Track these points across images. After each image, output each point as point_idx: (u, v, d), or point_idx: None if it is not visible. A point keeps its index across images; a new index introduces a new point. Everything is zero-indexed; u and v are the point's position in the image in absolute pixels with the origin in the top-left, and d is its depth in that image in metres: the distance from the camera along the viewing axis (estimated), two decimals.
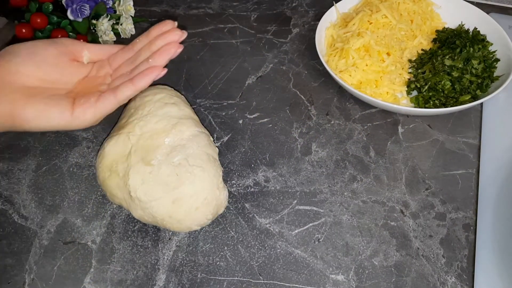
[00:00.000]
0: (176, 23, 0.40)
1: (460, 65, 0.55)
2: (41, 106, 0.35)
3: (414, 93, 0.58)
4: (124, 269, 0.44)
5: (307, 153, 0.54)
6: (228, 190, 0.49)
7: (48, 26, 0.61)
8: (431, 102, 0.55)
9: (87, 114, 0.36)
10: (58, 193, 0.50)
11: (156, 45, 0.39)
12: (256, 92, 0.60)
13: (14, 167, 0.52)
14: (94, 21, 0.63)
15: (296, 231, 0.47)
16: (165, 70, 0.37)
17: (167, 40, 0.38)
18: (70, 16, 0.61)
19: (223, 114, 0.58)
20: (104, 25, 0.63)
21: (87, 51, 0.41)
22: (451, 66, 0.55)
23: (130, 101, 0.50)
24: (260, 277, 0.44)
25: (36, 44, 0.38)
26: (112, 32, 0.64)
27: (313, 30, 0.69)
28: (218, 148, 0.49)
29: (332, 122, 0.57)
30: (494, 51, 0.58)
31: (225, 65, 0.64)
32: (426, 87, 0.56)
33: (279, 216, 0.48)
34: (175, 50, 0.38)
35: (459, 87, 0.54)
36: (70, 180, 0.51)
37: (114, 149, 0.44)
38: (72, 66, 0.40)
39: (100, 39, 0.64)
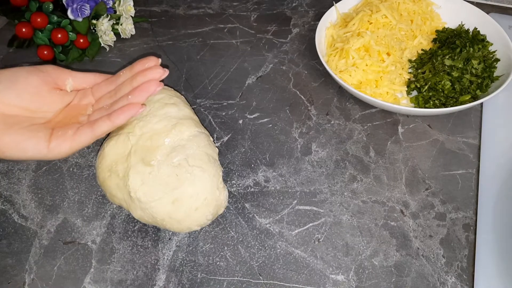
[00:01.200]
0: (160, 60, 0.40)
1: (460, 65, 0.55)
2: (18, 138, 0.35)
3: (414, 93, 0.58)
4: (124, 269, 0.44)
5: (307, 153, 0.54)
6: (228, 190, 0.49)
7: (48, 25, 0.61)
8: (431, 102, 0.55)
9: (63, 147, 0.36)
10: (58, 193, 0.50)
11: (137, 81, 0.39)
12: (256, 92, 0.60)
13: (14, 167, 0.52)
14: (94, 21, 0.63)
15: (296, 231, 0.47)
16: (144, 108, 0.38)
17: (148, 77, 0.38)
18: (70, 15, 0.61)
19: (223, 114, 0.58)
20: (104, 25, 0.63)
21: (71, 79, 0.41)
22: (451, 66, 0.55)
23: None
24: (260, 277, 0.44)
25: (18, 72, 0.37)
26: (112, 32, 0.64)
27: (313, 30, 0.69)
28: (218, 148, 0.49)
29: (332, 122, 0.57)
30: (494, 51, 0.58)
31: (225, 65, 0.64)
32: (426, 87, 0.56)
33: (279, 216, 0.48)
34: (155, 88, 0.38)
35: (459, 87, 0.54)
36: (70, 180, 0.51)
37: (114, 150, 0.44)
38: (54, 95, 0.39)
39: (100, 39, 0.64)
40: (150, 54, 0.53)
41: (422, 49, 0.61)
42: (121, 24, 0.66)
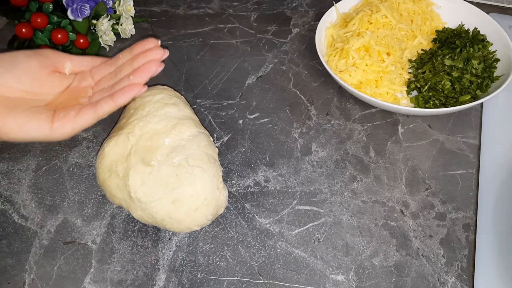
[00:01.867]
0: (159, 42, 0.40)
1: (460, 65, 0.55)
2: (21, 120, 0.35)
3: (414, 93, 0.58)
4: (124, 269, 0.44)
5: (307, 153, 0.54)
6: (228, 190, 0.49)
7: (48, 25, 0.61)
8: (431, 102, 0.55)
9: (66, 128, 0.36)
10: (58, 193, 0.50)
11: (138, 62, 0.39)
12: (256, 92, 0.60)
13: (14, 167, 0.52)
14: (94, 21, 0.63)
15: (296, 231, 0.47)
16: (145, 88, 0.38)
17: (148, 58, 0.39)
18: (70, 16, 0.61)
19: (223, 114, 0.58)
20: (104, 25, 0.63)
21: (69, 63, 0.41)
22: (451, 66, 0.55)
23: (130, 101, 0.50)
24: (260, 277, 0.44)
25: (17, 56, 0.38)
26: (112, 32, 0.64)
27: (313, 30, 0.69)
28: (218, 148, 0.49)
29: (332, 122, 0.57)
30: (494, 51, 0.58)
31: (225, 65, 0.64)
32: (426, 87, 0.56)
33: (279, 216, 0.48)
34: (156, 69, 0.38)
35: (459, 87, 0.54)
36: (70, 180, 0.51)
37: (114, 150, 0.44)
38: (54, 78, 0.40)
39: (100, 39, 0.64)
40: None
41: (422, 49, 0.61)
42: (121, 24, 0.66)
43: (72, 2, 0.60)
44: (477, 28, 0.60)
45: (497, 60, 0.57)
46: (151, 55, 0.39)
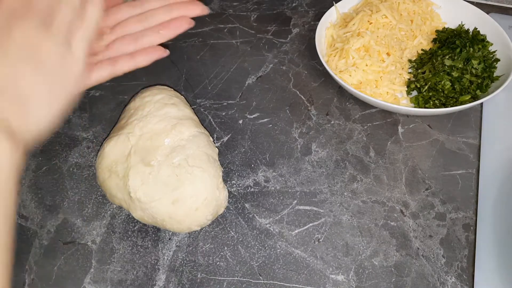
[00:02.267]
0: None
1: (460, 65, 0.55)
2: None
3: (414, 93, 0.58)
4: (124, 269, 0.44)
5: (307, 153, 0.54)
6: (228, 190, 0.49)
7: None
8: (431, 102, 0.55)
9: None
10: (58, 193, 0.50)
11: (176, 12, 0.37)
12: (256, 92, 0.60)
13: None
14: None
15: (296, 231, 0.47)
16: (167, 52, 0.36)
17: (188, 12, 0.37)
18: None
19: (223, 114, 0.58)
20: None
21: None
22: (451, 66, 0.55)
23: (129, 101, 0.50)
24: (260, 277, 0.44)
25: None
26: None
27: (313, 30, 0.69)
28: (218, 148, 0.49)
29: (332, 122, 0.57)
30: (494, 51, 0.58)
31: (225, 65, 0.64)
32: (426, 87, 0.55)
33: (279, 216, 0.48)
34: (187, 27, 0.37)
35: (459, 87, 0.54)
36: (70, 180, 0.51)
37: (114, 150, 0.44)
38: None
39: None
40: None
41: (422, 49, 0.61)
42: None
43: None
44: (477, 28, 0.60)
45: (497, 60, 0.57)
46: (191, 10, 0.37)
